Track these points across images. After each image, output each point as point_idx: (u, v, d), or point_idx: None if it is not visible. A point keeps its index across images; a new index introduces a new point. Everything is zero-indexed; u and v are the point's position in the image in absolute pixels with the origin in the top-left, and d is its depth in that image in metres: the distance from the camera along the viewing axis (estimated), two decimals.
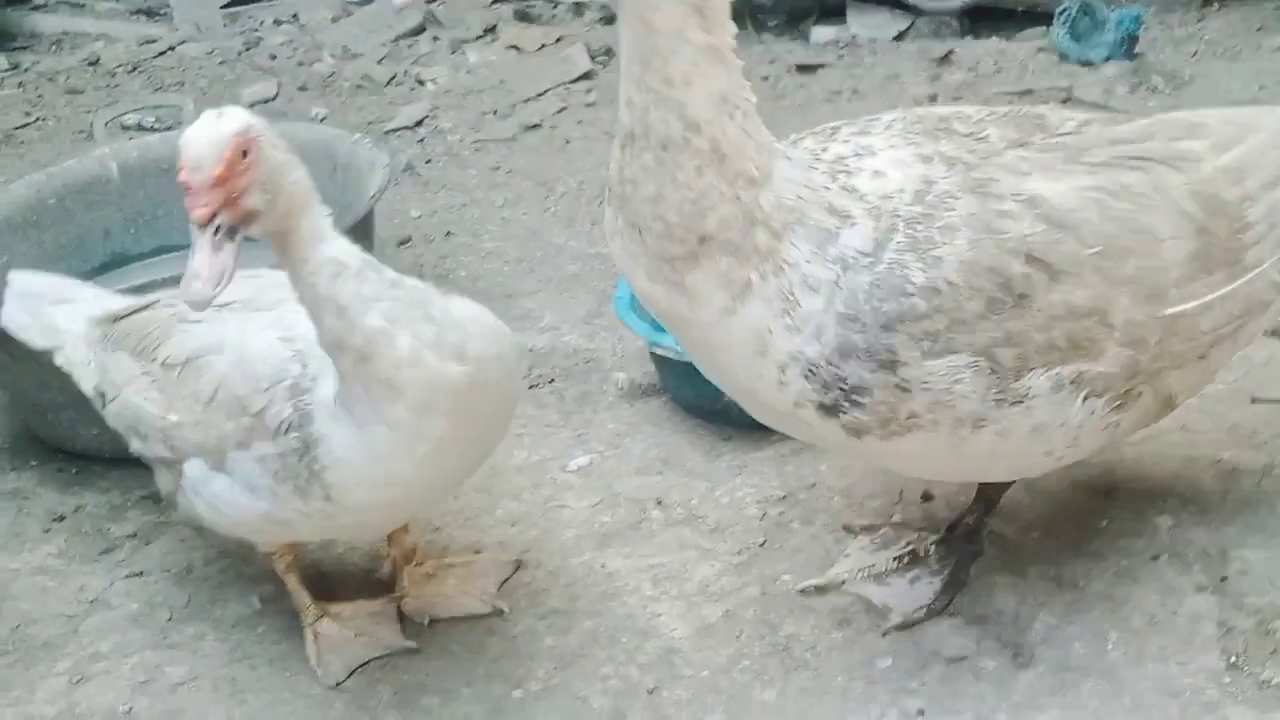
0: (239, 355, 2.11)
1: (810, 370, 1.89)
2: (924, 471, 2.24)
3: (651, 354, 2.89)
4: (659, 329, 2.58)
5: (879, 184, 1.92)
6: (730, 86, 1.79)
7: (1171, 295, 2.00)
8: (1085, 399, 1.98)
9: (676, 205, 1.80)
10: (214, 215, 1.83)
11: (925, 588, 2.33)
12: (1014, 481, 2.34)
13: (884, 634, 2.27)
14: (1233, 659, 2.17)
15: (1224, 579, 2.32)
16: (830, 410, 1.91)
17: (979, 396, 1.91)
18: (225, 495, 2.14)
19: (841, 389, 1.89)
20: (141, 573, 2.61)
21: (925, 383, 1.89)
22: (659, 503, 2.65)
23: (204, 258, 1.81)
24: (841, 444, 2.01)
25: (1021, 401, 1.94)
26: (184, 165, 1.84)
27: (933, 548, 2.41)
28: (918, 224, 1.89)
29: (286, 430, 2.02)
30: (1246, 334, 2.16)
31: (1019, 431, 1.96)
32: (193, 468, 2.17)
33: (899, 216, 1.90)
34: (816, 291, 1.86)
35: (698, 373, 2.14)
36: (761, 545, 2.51)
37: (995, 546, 2.44)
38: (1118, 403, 2.03)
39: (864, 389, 1.89)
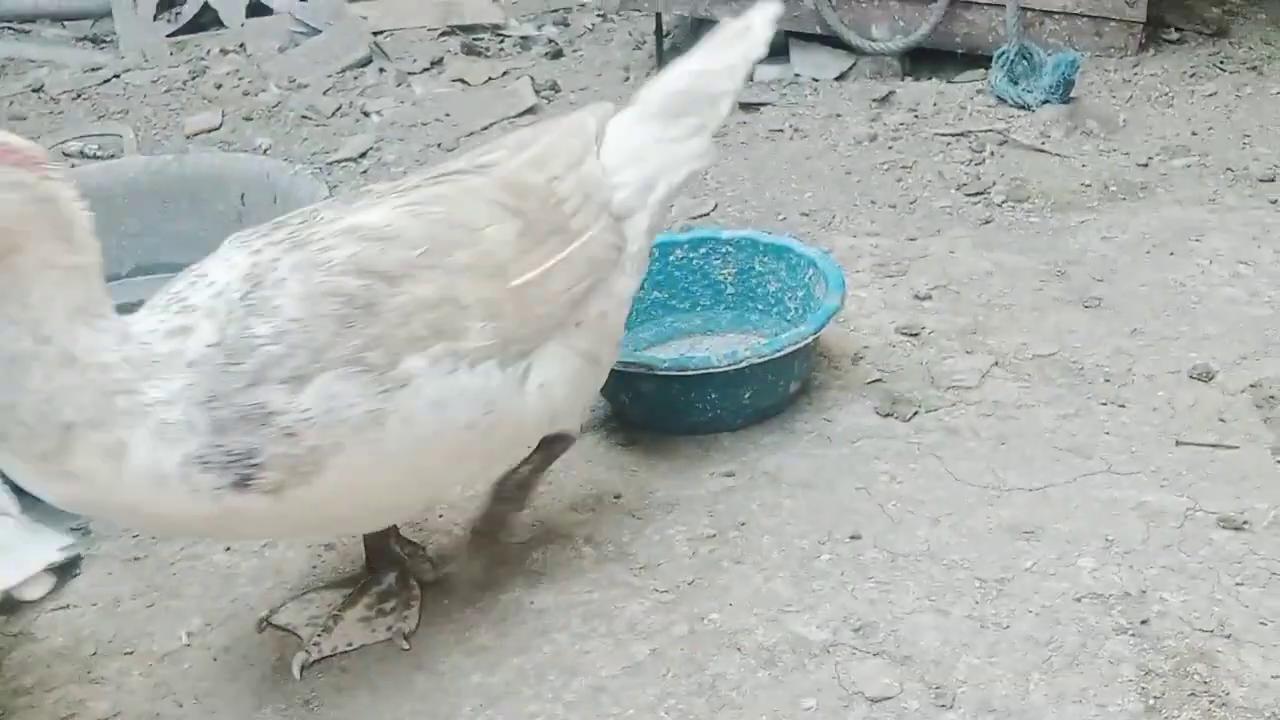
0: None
1: (204, 461, 2.01)
2: (385, 497, 2.26)
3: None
4: None
5: (210, 289, 2.09)
6: (89, 298, 1.99)
7: (512, 270, 2.27)
8: (473, 365, 2.20)
9: (32, 408, 1.94)
10: None
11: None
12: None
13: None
14: (1152, 701, 2.20)
15: (1145, 621, 2.35)
16: (242, 484, 2.03)
17: (362, 396, 2.08)
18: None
19: (236, 461, 2.02)
20: (68, 605, 2.59)
21: (305, 416, 2.04)
22: (590, 540, 2.65)
23: None
24: (279, 515, 2.10)
25: (407, 383, 2.12)
26: None
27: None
28: (250, 294, 2.07)
29: None
30: (616, 294, 2.45)
31: (422, 412, 2.14)
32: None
33: (234, 300, 2.07)
34: (175, 402, 2.00)
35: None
36: (690, 584, 2.52)
37: (920, 586, 2.46)
38: (518, 362, 2.27)
39: (255, 450, 2.02)
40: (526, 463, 2.51)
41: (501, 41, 5.54)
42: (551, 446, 2.52)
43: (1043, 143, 4.19)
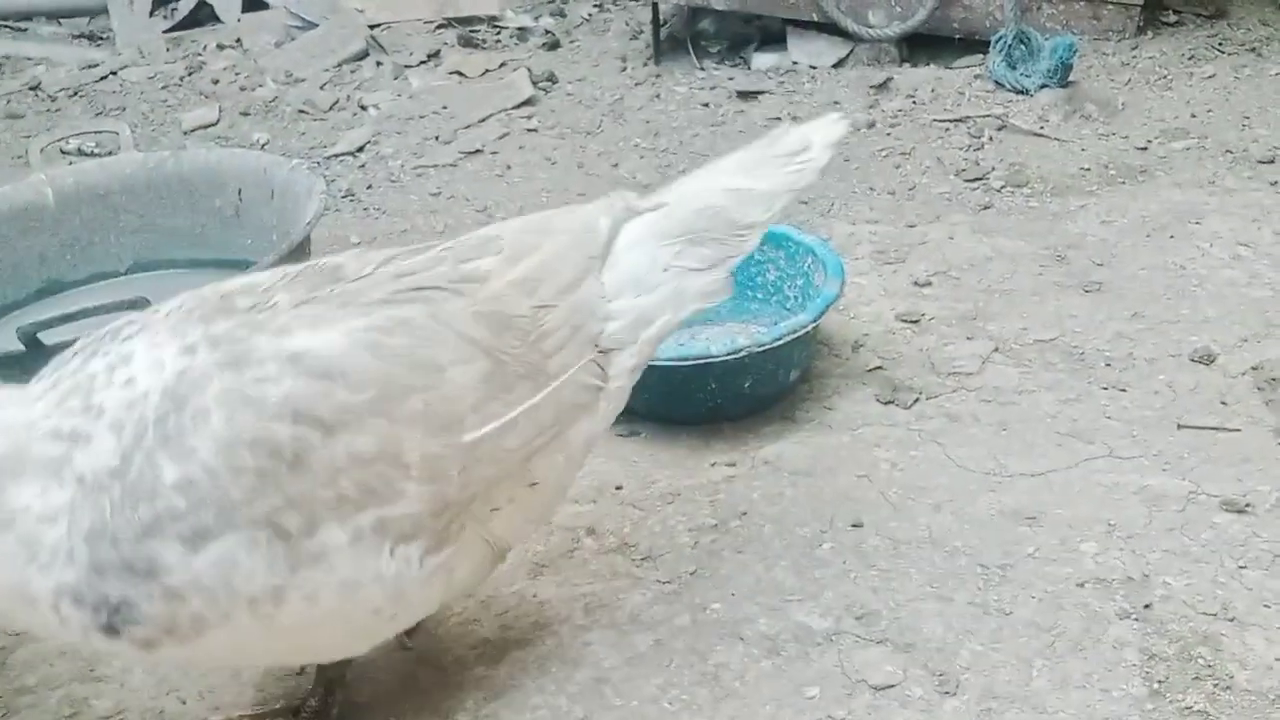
0: None
1: (77, 597, 1.80)
2: (261, 659, 2.11)
3: None
4: None
5: (126, 392, 1.83)
6: None
7: (469, 421, 1.95)
8: (394, 549, 1.91)
9: None
10: None
11: None
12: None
13: None
14: (1156, 685, 2.20)
15: (1148, 605, 2.35)
16: (111, 631, 1.82)
17: (266, 569, 1.82)
18: None
19: (110, 607, 1.80)
20: None
21: (198, 581, 1.79)
22: (591, 531, 2.65)
23: None
24: (152, 661, 1.95)
25: (320, 559, 1.85)
26: None
27: None
28: (167, 419, 1.80)
29: None
30: (572, 445, 2.13)
31: (328, 592, 1.87)
32: None
33: (148, 419, 1.80)
34: (55, 521, 1.79)
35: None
36: (692, 574, 2.52)
37: (922, 573, 2.46)
38: (438, 551, 1.97)
39: (131, 604, 1.80)
40: (314, 694, 2.24)
41: (498, 33, 5.53)
42: None
43: (1041, 127, 4.18)
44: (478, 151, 4.46)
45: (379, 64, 5.26)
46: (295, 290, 1.97)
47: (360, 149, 4.57)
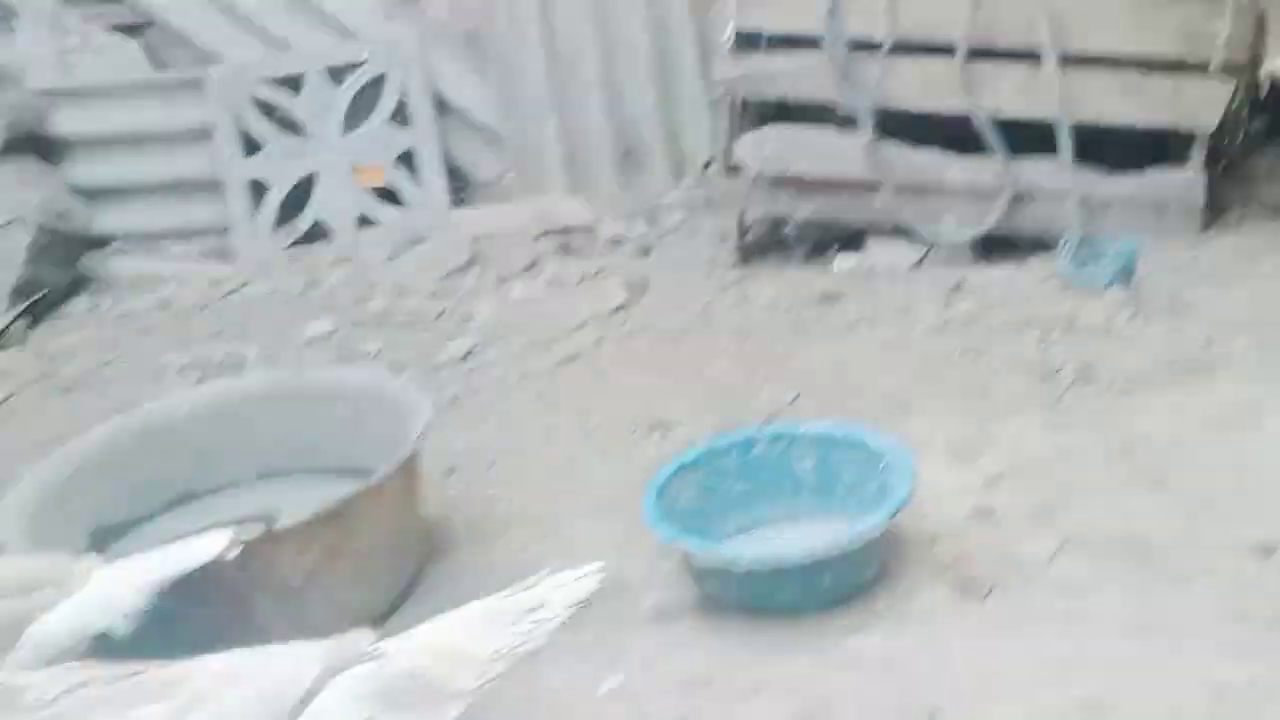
0: None
1: None
2: None
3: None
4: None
5: None
6: None
7: None
8: None
9: None
10: None
11: None
12: None
13: None
14: None
15: None
16: None
17: None
18: None
19: None
20: None
21: None
22: None
23: None
24: None
25: None
26: None
27: None
28: None
29: None
30: None
31: None
32: None
33: None
34: None
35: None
36: None
37: None
38: None
39: None
40: None
41: (594, 240, 5.83)
42: None
43: (1109, 326, 4.35)
44: (575, 357, 4.71)
45: (482, 274, 5.57)
46: None
47: (465, 356, 4.84)
